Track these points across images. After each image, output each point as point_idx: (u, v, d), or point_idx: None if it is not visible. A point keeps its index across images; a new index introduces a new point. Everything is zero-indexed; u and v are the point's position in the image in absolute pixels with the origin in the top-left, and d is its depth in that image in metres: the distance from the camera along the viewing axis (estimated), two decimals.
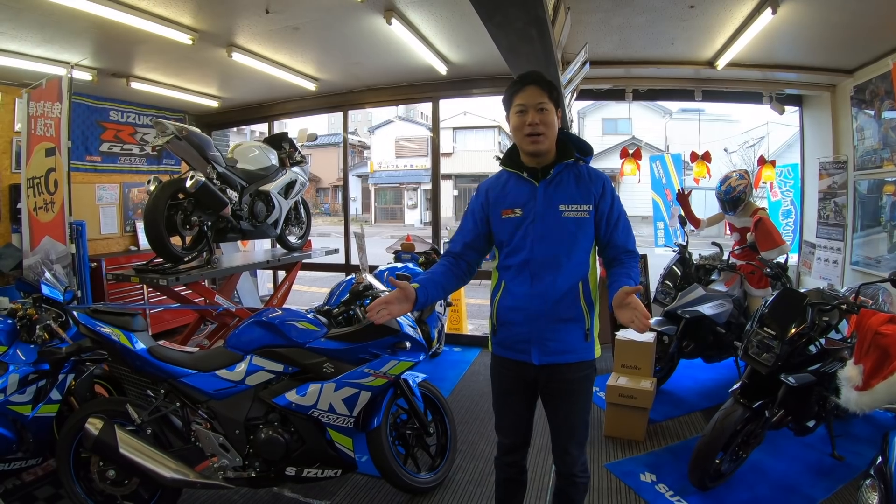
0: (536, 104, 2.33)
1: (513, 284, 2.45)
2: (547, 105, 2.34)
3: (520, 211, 2.42)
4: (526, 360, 2.43)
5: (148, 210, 4.24)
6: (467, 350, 6.77)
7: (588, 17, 4.65)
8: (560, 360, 2.40)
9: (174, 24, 4.60)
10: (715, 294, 5.05)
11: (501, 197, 2.49)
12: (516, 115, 2.38)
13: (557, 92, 2.41)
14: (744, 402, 3.45)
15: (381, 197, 37.21)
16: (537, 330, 2.39)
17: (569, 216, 2.37)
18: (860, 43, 5.04)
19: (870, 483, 2.24)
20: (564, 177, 2.42)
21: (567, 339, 2.39)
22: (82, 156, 6.99)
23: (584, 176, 2.43)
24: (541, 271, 2.37)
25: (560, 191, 2.40)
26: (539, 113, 2.33)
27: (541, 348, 2.39)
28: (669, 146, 22.96)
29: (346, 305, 3.36)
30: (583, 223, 2.38)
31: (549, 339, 2.38)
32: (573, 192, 2.39)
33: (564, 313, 2.38)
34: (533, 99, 2.34)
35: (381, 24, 4.65)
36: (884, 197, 5.37)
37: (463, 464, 3.92)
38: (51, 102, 5.03)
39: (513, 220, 2.43)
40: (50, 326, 3.54)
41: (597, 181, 2.44)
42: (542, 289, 2.37)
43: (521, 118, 2.36)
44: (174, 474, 2.90)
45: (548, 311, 2.37)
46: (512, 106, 2.41)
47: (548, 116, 2.34)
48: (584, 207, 2.38)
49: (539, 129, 2.33)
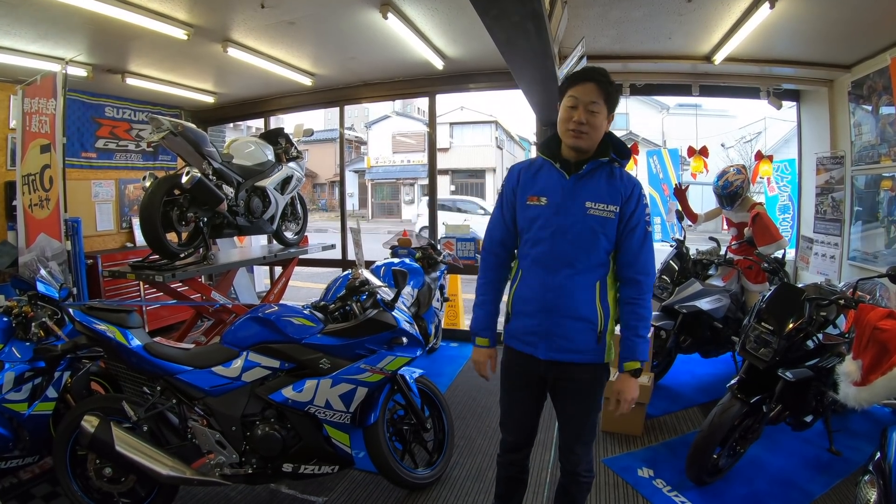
0: (588, 102, 2.28)
1: (528, 275, 2.43)
2: (598, 107, 2.29)
3: (545, 200, 2.38)
4: (532, 352, 2.42)
5: (144, 206, 4.21)
6: (464, 345, 6.76)
7: (585, 11, 4.64)
8: (567, 358, 2.38)
9: (169, 20, 4.58)
10: (712, 289, 5.06)
11: (531, 182, 2.45)
12: (566, 107, 2.33)
13: (616, 95, 2.37)
14: (741, 397, 3.45)
15: (379, 192, 37.19)
16: (547, 324, 2.37)
17: (593, 214, 2.33)
18: (858, 38, 5.03)
19: (868, 479, 2.24)
20: (597, 174, 2.38)
21: (577, 338, 2.36)
22: (78, 152, 6.96)
23: (617, 177, 2.39)
24: (558, 265, 2.35)
25: (589, 187, 2.36)
26: (588, 113, 2.28)
27: (548, 343, 2.38)
28: (666, 141, 23.01)
29: (343, 301, 3.34)
30: (606, 223, 2.34)
31: (558, 336, 2.36)
32: (602, 191, 2.35)
33: (577, 311, 2.35)
34: (587, 96, 2.29)
35: (377, 18, 4.63)
36: (881, 192, 5.37)
37: (460, 459, 3.92)
38: (46, 99, 5.01)
39: (536, 208, 2.40)
40: (46, 324, 3.54)
41: (628, 184, 2.39)
42: (556, 282, 2.35)
43: (570, 112, 2.31)
44: (171, 471, 2.89)
45: (560, 306, 2.35)
46: (565, 96, 2.35)
47: (596, 118, 2.29)
48: (611, 208, 2.33)
49: (583, 129, 2.29)
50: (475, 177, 33.69)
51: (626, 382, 2.41)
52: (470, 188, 34.04)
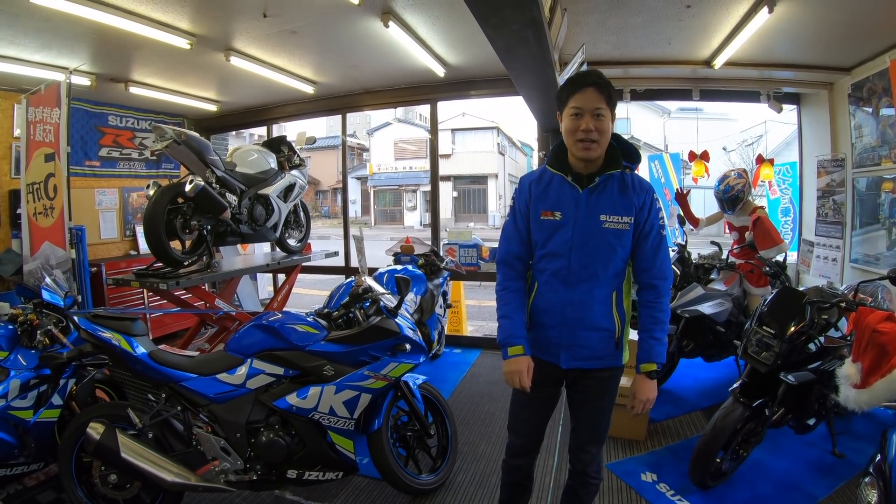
0: (594, 109, 2.24)
1: (546, 288, 2.43)
2: (604, 111, 2.25)
3: (560, 215, 2.36)
4: (554, 362, 2.43)
5: (147, 214, 4.23)
6: (467, 351, 6.78)
7: (585, 17, 4.66)
8: (588, 365, 2.41)
9: (172, 29, 4.61)
10: (714, 293, 5.05)
11: (543, 196, 2.42)
12: (571, 117, 2.29)
13: (616, 96, 2.34)
14: (744, 400, 3.45)
15: (381, 199, 37.24)
16: (568, 336, 2.38)
17: (609, 227, 2.32)
18: (858, 40, 5.03)
19: (869, 481, 2.25)
20: (609, 185, 2.35)
21: (597, 346, 2.39)
22: (81, 161, 7.01)
23: (629, 186, 2.37)
24: (576, 280, 2.35)
25: (603, 200, 2.34)
26: (595, 119, 2.24)
27: (570, 353, 2.40)
28: (668, 145, 23.02)
29: (346, 308, 3.35)
30: (622, 235, 2.34)
31: (580, 346, 2.38)
32: (616, 203, 2.34)
33: (597, 322, 2.37)
34: (591, 103, 2.25)
35: (378, 26, 4.66)
36: (882, 194, 5.36)
37: (464, 465, 3.92)
38: (50, 108, 5.04)
39: (552, 223, 2.38)
40: (51, 331, 3.56)
41: (640, 192, 2.37)
42: (576, 297, 2.35)
43: (576, 122, 2.27)
44: (176, 478, 2.91)
45: (581, 319, 2.36)
46: (566, 107, 2.31)
47: (603, 123, 2.26)
48: (626, 219, 2.33)
49: (593, 136, 2.25)
50: (477, 182, 33.77)
51: (642, 384, 2.42)
52: (472, 194, 34.11)
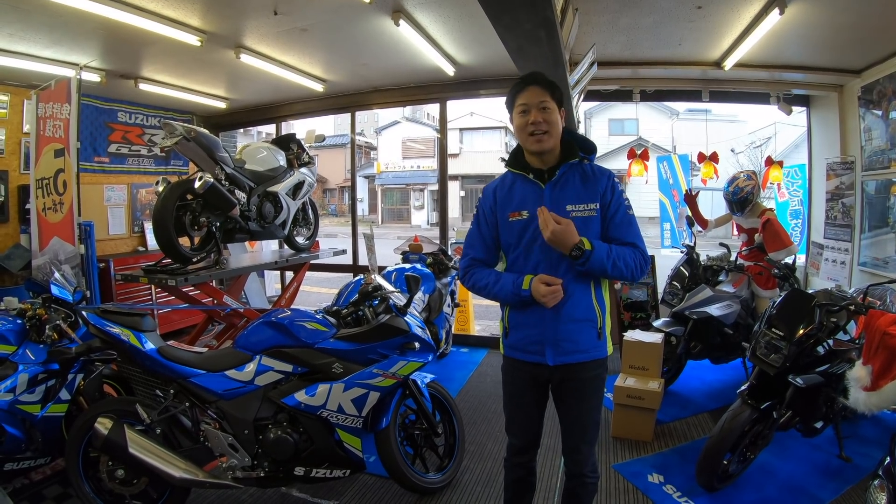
0: (538, 103, 2.35)
1: None
2: (549, 104, 2.36)
3: (527, 213, 2.41)
4: (540, 360, 2.43)
5: (157, 211, 4.25)
6: (475, 351, 6.78)
7: (596, 18, 4.65)
8: (573, 359, 2.40)
9: (182, 26, 4.62)
10: (723, 295, 5.04)
11: (508, 199, 2.48)
12: (519, 115, 2.40)
13: (560, 91, 2.42)
14: (752, 403, 3.45)
15: (388, 198, 37.24)
16: (550, 331, 2.38)
17: (577, 216, 2.35)
18: (868, 43, 5.02)
19: (878, 484, 2.25)
20: (570, 177, 2.43)
21: (580, 339, 2.39)
22: (91, 157, 7.04)
23: (590, 174, 2.44)
24: (552, 274, 2.36)
25: (567, 191, 2.40)
26: (541, 112, 2.34)
27: (555, 349, 2.39)
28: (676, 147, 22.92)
29: (355, 306, 3.36)
30: (590, 222, 2.38)
31: (563, 340, 2.38)
32: (580, 192, 2.40)
33: (577, 314, 2.38)
34: (535, 98, 2.35)
35: (388, 25, 4.66)
36: (891, 197, 5.34)
37: (471, 464, 3.93)
38: (59, 104, 5.06)
39: (520, 223, 2.43)
40: (59, 326, 3.57)
41: (601, 178, 2.44)
42: None
43: (524, 118, 2.37)
44: (183, 474, 2.92)
45: (561, 313, 2.36)
46: (515, 107, 2.42)
47: (550, 115, 2.35)
48: (591, 206, 2.39)
49: (542, 128, 2.34)
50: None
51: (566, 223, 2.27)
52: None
